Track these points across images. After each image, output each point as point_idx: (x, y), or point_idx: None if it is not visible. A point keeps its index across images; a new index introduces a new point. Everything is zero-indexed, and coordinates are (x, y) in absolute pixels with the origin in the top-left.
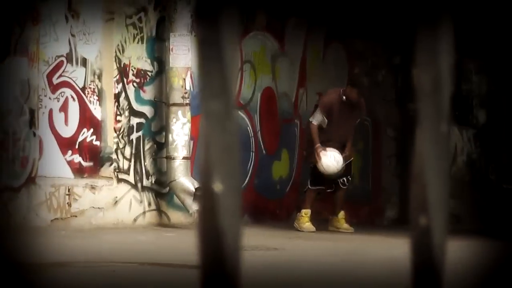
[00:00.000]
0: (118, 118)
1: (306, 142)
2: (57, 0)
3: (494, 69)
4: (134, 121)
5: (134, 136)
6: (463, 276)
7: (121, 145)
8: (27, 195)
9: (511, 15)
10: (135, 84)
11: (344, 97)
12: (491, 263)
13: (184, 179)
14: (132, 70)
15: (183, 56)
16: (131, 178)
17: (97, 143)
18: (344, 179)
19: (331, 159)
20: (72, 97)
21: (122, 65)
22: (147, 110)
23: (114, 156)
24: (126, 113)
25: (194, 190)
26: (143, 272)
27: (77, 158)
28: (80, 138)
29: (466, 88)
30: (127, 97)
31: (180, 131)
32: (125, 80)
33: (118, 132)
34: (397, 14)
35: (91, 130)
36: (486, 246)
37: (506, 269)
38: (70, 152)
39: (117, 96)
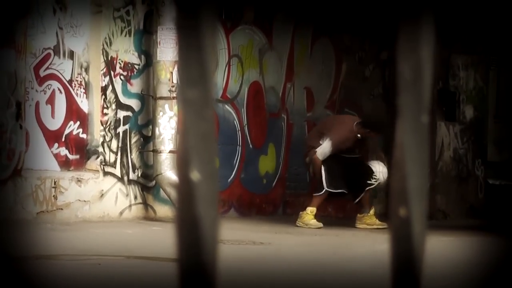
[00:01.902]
0: (105, 111)
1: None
2: None
3: (483, 64)
4: (121, 114)
5: (120, 129)
6: (444, 270)
7: (107, 138)
8: (13, 188)
9: (500, 10)
10: (122, 77)
11: (356, 132)
12: (476, 257)
13: (170, 173)
14: (119, 63)
15: (170, 49)
16: (117, 171)
17: (84, 136)
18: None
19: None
20: (59, 89)
21: (109, 58)
22: (134, 103)
23: (100, 149)
24: (113, 106)
25: None
26: (128, 265)
27: (63, 151)
28: (67, 131)
29: (454, 83)
30: (114, 90)
31: (167, 124)
32: (112, 73)
33: (104, 125)
34: (383, 8)
35: (78, 123)
36: (472, 241)
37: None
38: (56, 144)
39: (104, 89)
